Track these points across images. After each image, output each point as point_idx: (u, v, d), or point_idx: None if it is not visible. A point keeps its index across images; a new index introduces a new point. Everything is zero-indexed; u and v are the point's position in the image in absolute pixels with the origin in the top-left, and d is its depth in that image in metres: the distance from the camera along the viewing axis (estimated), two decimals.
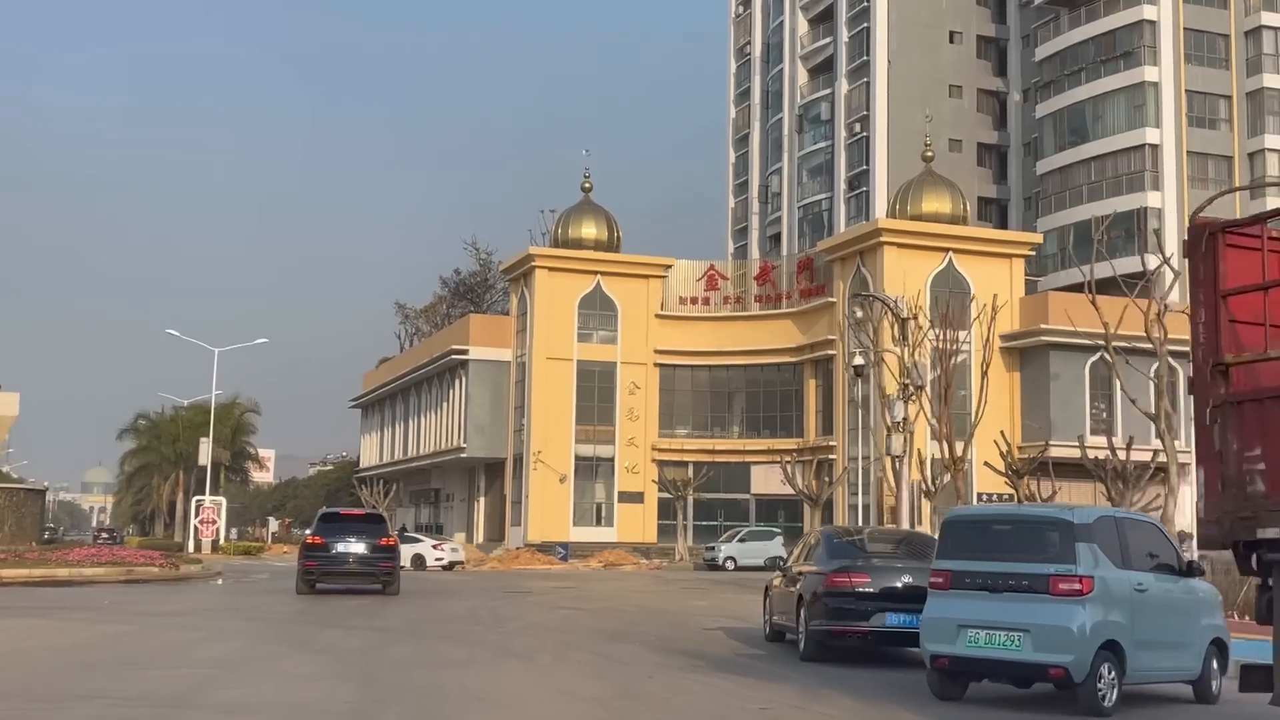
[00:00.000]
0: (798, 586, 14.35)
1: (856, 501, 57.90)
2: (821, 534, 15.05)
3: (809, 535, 16.53)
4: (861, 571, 13.38)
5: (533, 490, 63.17)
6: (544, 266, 64.76)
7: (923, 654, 10.82)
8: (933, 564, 10.78)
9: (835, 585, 13.29)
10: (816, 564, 14.13)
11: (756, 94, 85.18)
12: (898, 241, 57.97)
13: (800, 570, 14.73)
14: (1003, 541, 10.32)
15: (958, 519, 11.12)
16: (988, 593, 10.09)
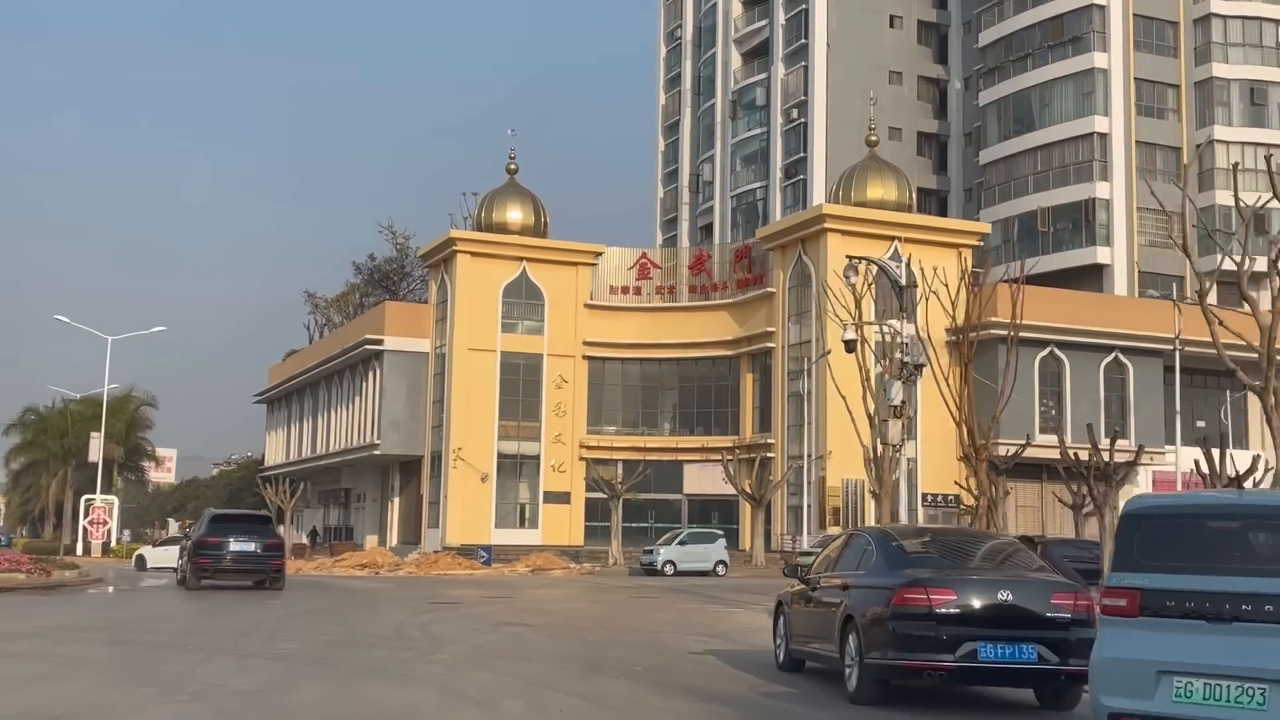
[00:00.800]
0: (841, 604, 10.87)
1: (798, 502, 54.81)
2: (871, 536, 11.50)
3: (841, 537, 12.94)
4: (943, 586, 9.86)
5: (452, 490, 59.20)
6: (466, 251, 60.81)
7: (1093, 711, 7.32)
8: (1111, 578, 7.29)
9: (908, 604, 9.78)
10: (872, 575, 10.64)
11: (688, 79, 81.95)
12: (842, 228, 55.06)
13: (839, 582, 11.27)
14: (1230, 545, 6.81)
15: (1150, 511, 7.41)
16: (1207, 623, 6.64)
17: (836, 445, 53.49)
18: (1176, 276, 62.39)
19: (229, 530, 28.66)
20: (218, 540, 28.27)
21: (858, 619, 10.40)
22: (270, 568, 28.79)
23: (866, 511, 53.91)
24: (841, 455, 53.56)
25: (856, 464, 54.33)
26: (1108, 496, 35.30)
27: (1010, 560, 10.91)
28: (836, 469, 53.46)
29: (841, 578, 11.24)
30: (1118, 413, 56.71)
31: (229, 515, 31.58)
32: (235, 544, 28.24)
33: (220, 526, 28.88)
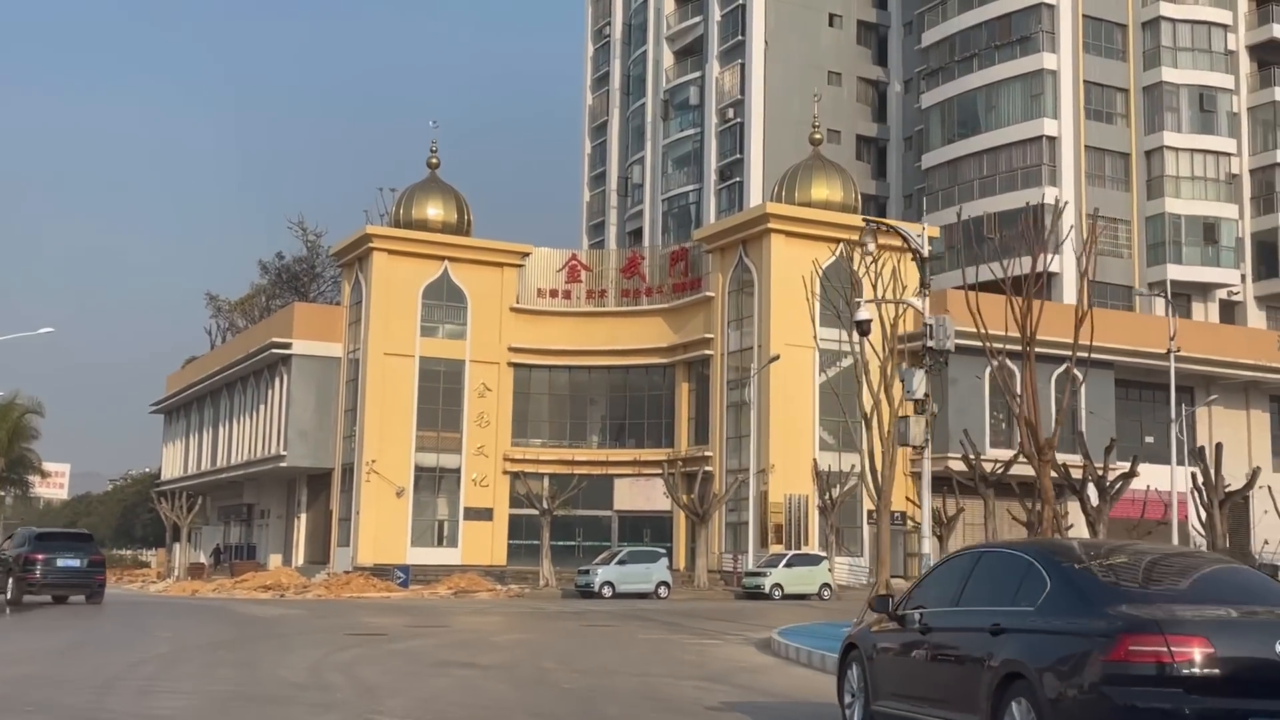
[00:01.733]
0: (992, 656, 7.35)
1: (736, 519, 51.47)
2: (1033, 554, 7.72)
3: (956, 557, 9.19)
4: (1191, 632, 6.44)
5: (365, 505, 54.91)
6: (383, 249, 56.68)
7: None
8: None
9: (1136, 659, 6.29)
10: (1053, 613, 7.08)
11: (616, 78, 78.63)
12: (786, 229, 52.00)
13: (982, 623, 7.68)
14: None
15: None
16: None
17: (780, 458, 50.35)
18: (1125, 286, 60.43)
19: (55, 547, 31.06)
20: (44, 556, 30.28)
21: (1034, 679, 6.90)
22: (94, 582, 31.16)
23: (811, 528, 50.81)
24: (784, 469, 50.44)
25: (800, 478, 51.35)
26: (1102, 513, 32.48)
27: (1249, 590, 7.46)
28: (779, 484, 50.28)
29: (985, 616, 7.69)
30: (1068, 426, 54.21)
31: (54, 533, 34.63)
32: (61, 560, 30.50)
33: (46, 544, 31.14)
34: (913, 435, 18.82)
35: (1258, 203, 61.95)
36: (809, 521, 50.72)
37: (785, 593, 42.06)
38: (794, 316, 51.52)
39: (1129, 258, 60.36)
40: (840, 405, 52.44)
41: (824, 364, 52.30)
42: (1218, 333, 58.10)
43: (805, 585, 42.51)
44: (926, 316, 20.41)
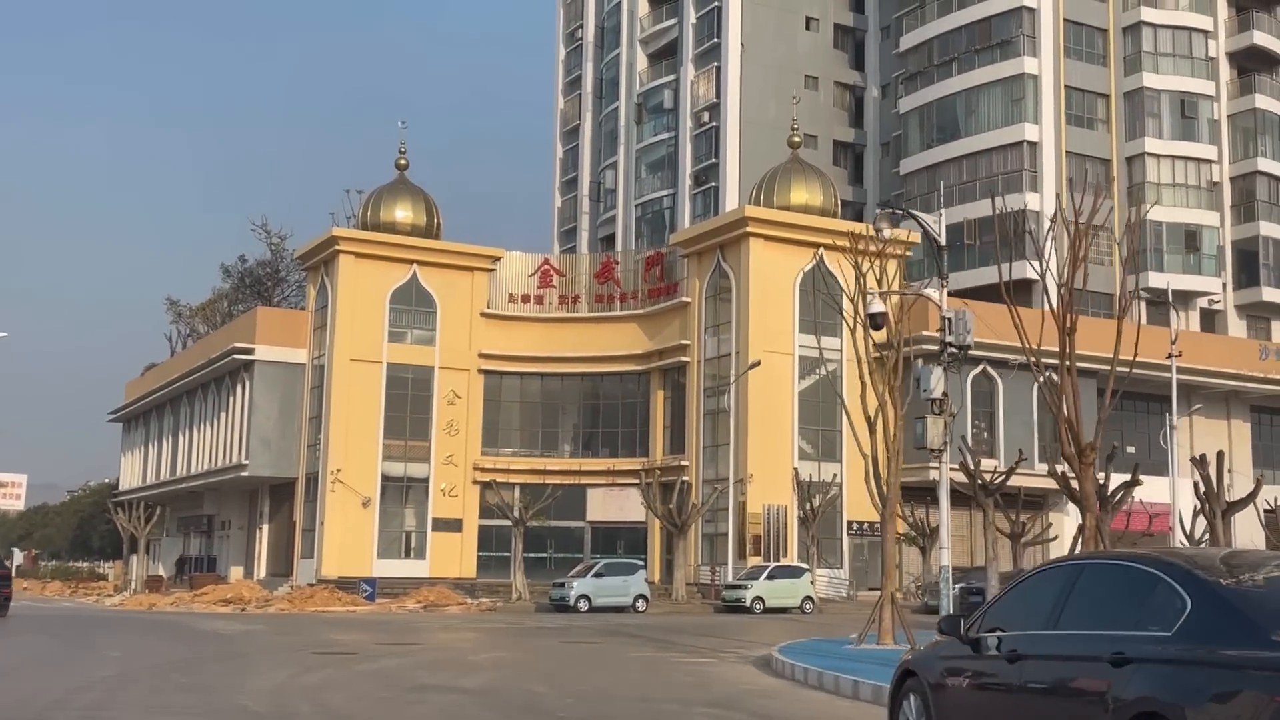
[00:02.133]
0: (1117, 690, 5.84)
1: (713, 530, 50.11)
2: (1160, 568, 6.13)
3: (1045, 570, 7.67)
4: None
5: (329, 516, 53.20)
6: (350, 252, 55.04)
7: None
8: None
9: None
10: (1203, 640, 5.53)
11: (589, 82, 77.29)
12: (765, 233, 50.79)
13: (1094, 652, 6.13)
14: None
15: None
16: None
17: (758, 468, 49.06)
18: (1106, 294, 59.57)
19: None
20: None
21: None
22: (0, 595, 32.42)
23: (790, 540, 49.53)
24: (763, 479, 49.16)
25: (778, 488, 50.06)
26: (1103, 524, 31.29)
27: None
28: (757, 494, 48.98)
29: (1100, 642, 6.27)
30: (1050, 435, 53.24)
31: None
32: None
33: None
34: (930, 437, 17.53)
35: (1238, 210, 61.30)
36: (788, 533, 49.43)
37: (767, 606, 40.72)
38: (773, 322, 50.37)
39: (1110, 265, 59.48)
40: (820, 413, 51.44)
41: (803, 371, 51.12)
42: (1199, 342, 57.28)
43: (787, 598, 41.19)
44: (944, 309, 19.08)
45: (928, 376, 18.02)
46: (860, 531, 50.98)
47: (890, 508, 21.13)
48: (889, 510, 21.09)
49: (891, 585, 19.86)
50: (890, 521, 21.15)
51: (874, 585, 51.79)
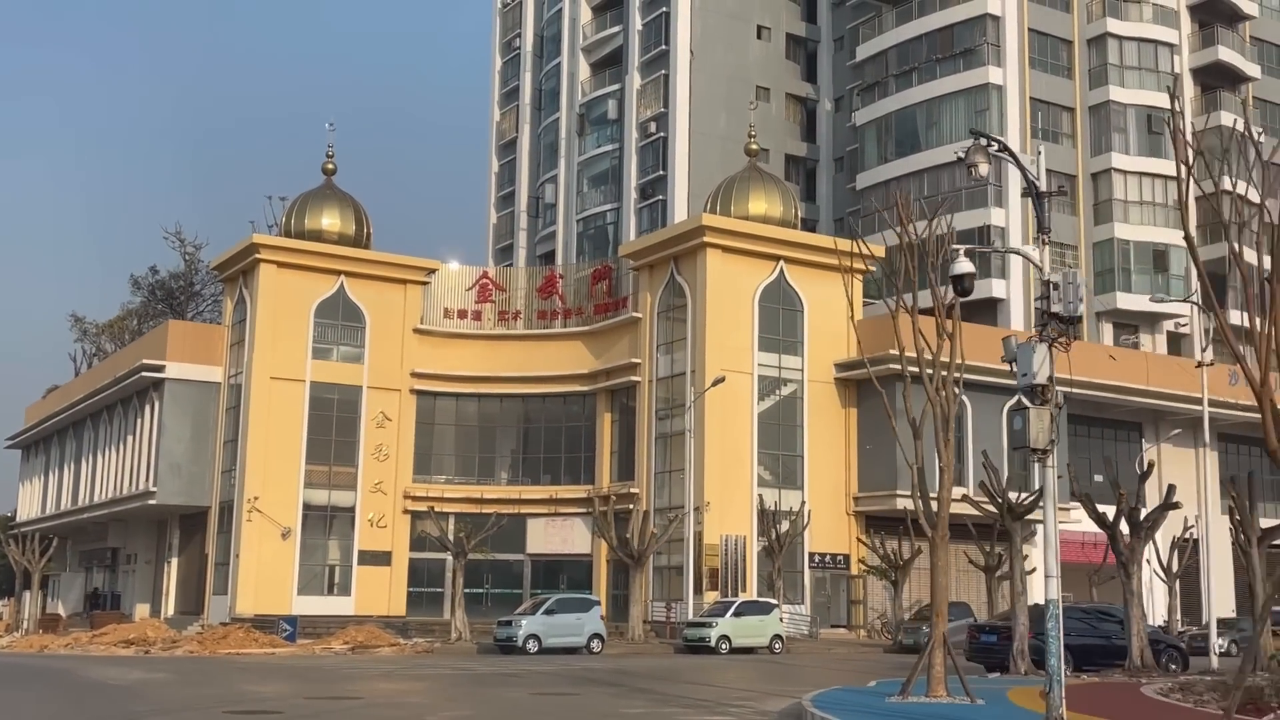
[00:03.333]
0: None
1: (665, 562, 46.33)
2: None
3: None
4: None
5: (246, 548, 48.64)
6: (271, 261, 50.73)
7: None
8: None
9: None
10: None
11: (527, 93, 73.77)
12: (723, 244, 47.45)
13: None
14: None
15: None
16: None
17: (715, 495, 45.49)
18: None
19: None
20: None
21: None
22: None
23: (749, 573, 45.98)
24: (720, 507, 45.60)
25: (737, 518, 46.51)
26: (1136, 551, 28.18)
27: None
28: (714, 523, 45.38)
29: None
30: (1020, 462, 50.36)
31: None
32: None
33: None
34: (1033, 434, 14.09)
35: (1204, 231, 59.20)
36: (747, 565, 45.87)
37: (733, 645, 37.07)
38: (732, 339, 47.03)
39: None
40: (780, 437, 48.05)
41: (763, 391, 47.77)
42: (1168, 366, 54.87)
43: (755, 637, 37.59)
44: (1046, 271, 15.68)
45: (1027, 356, 14.57)
46: (823, 564, 47.55)
47: (941, 530, 17.57)
48: (939, 533, 17.51)
49: (943, 625, 16.27)
50: (942, 546, 17.57)
51: (837, 622, 48.45)
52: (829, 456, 48.30)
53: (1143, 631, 26.10)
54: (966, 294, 16.37)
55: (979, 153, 15.70)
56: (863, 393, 49.10)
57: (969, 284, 15.93)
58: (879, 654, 40.48)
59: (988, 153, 15.92)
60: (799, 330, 48.56)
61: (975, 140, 16.20)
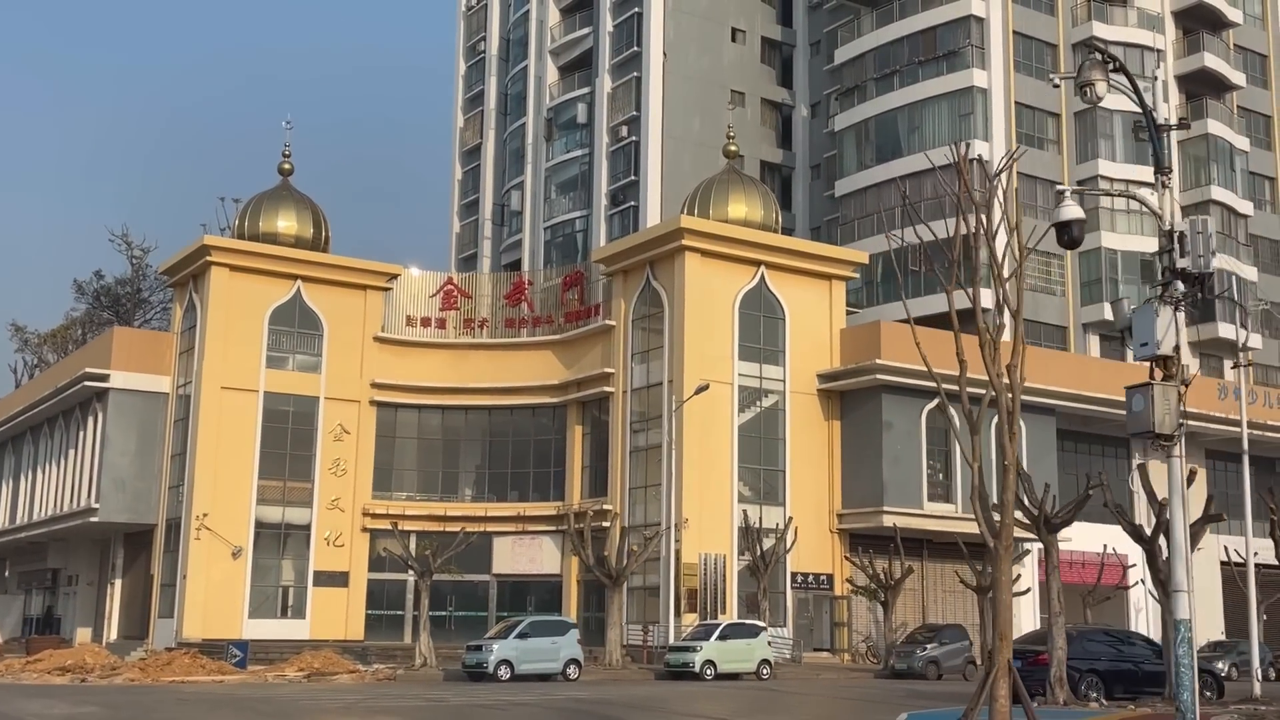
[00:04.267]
0: None
1: (640, 583, 43.80)
2: None
3: None
4: None
5: (194, 569, 45.74)
6: (224, 264, 47.99)
7: None
8: None
9: None
10: None
11: (492, 98, 71.41)
12: (703, 247, 45.21)
13: None
14: None
15: None
16: None
17: (694, 512, 43.11)
18: (1060, 327, 55.28)
19: None
20: None
21: None
22: None
23: (729, 594, 43.59)
24: (699, 525, 43.22)
25: (716, 535, 44.12)
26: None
27: None
28: (693, 541, 42.98)
29: None
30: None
31: None
32: None
33: None
34: (1158, 416, 11.79)
35: None
36: (727, 586, 43.47)
37: (719, 671, 34.64)
38: (711, 348, 44.76)
39: (1063, 295, 55.29)
40: (761, 451, 45.80)
41: (743, 403, 45.50)
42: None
43: (742, 662, 35.20)
44: (1168, 218, 13.42)
45: (1147, 322, 12.30)
46: (805, 585, 45.22)
47: (1006, 539, 15.24)
48: (1003, 542, 15.17)
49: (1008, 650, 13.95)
50: (1005, 557, 15.22)
51: (820, 646, 46.11)
52: (811, 471, 46.08)
53: None
54: (1075, 245, 14.12)
55: (1095, 69, 13.41)
56: (846, 404, 46.96)
57: (1078, 233, 13.70)
58: (869, 680, 38.20)
59: (1105, 69, 13.62)
60: (780, 339, 46.37)
61: (1089, 55, 13.91)
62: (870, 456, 45.79)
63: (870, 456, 45.79)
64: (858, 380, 45.91)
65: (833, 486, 46.48)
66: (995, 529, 15.08)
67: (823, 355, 46.94)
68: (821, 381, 46.65)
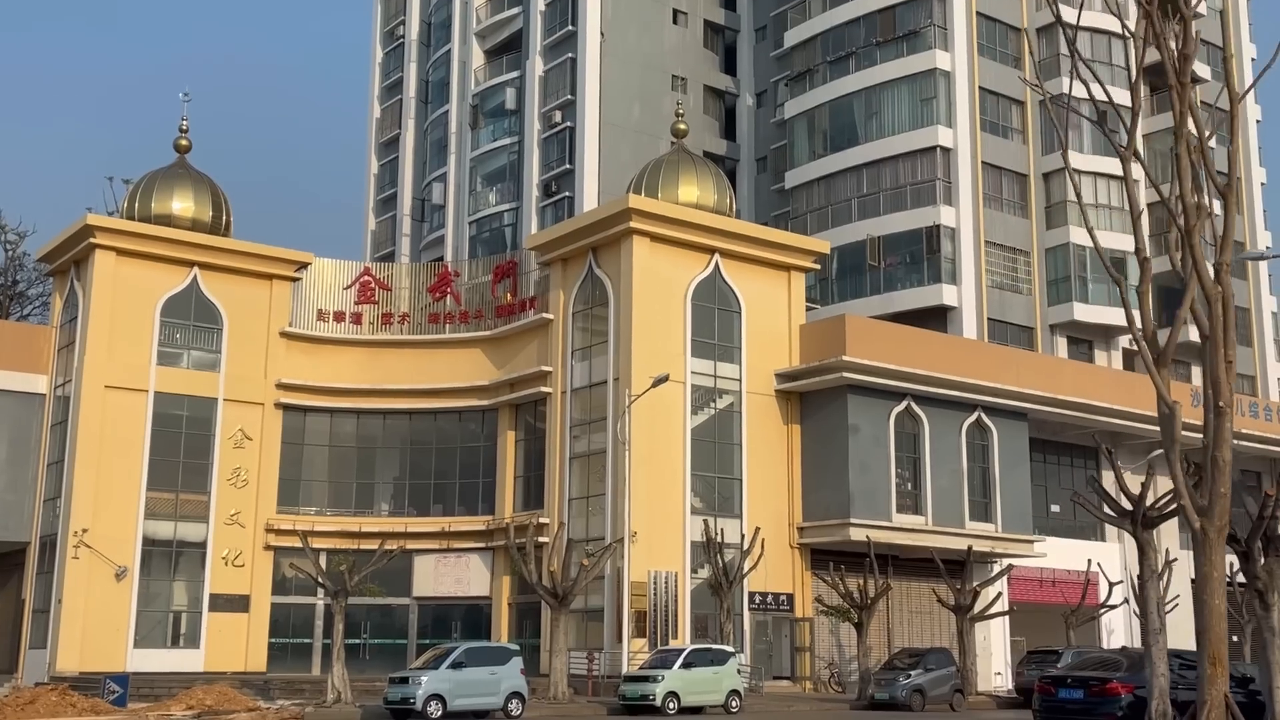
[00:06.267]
0: None
1: (582, 605, 38.91)
2: None
3: None
4: None
5: (71, 592, 40.07)
6: (110, 247, 42.51)
7: None
8: None
9: None
10: None
11: (412, 85, 66.51)
12: (653, 230, 40.75)
13: None
14: None
15: None
16: None
17: (642, 524, 38.46)
18: (1026, 327, 51.68)
19: None
20: None
21: None
22: None
23: (682, 616, 38.93)
24: (648, 538, 38.58)
25: (667, 551, 39.47)
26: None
27: None
28: (641, 558, 38.30)
29: None
30: (980, 488, 44.47)
31: None
32: None
33: None
34: None
35: (1158, 241, 54.54)
36: (679, 607, 38.83)
37: (682, 705, 29.96)
38: (661, 343, 40.24)
39: (1029, 294, 51.72)
40: (716, 457, 41.33)
41: (696, 404, 41.02)
42: (1123, 382, 49.67)
43: (709, 693, 30.59)
44: None
45: None
46: (764, 606, 40.72)
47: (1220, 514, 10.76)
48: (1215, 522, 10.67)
49: (1224, 679, 9.51)
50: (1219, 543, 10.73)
51: (780, 673, 41.66)
52: (769, 480, 41.72)
53: None
54: None
55: None
56: (807, 407, 42.70)
57: None
58: (847, 712, 33.79)
59: None
60: (736, 334, 42.01)
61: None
62: (835, 464, 41.55)
63: (835, 464, 41.55)
64: (820, 380, 41.70)
65: (793, 497, 42.16)
66: (1201, 506, 10.67)
67: (781, 353, 42.70)
68: (780, 381, 42.38)
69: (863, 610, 37.16)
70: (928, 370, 42.50)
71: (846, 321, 42.42)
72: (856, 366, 41.00)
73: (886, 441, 42.21)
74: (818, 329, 43.18)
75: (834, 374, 41.25)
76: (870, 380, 41.42)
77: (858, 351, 41.21)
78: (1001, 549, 43.70)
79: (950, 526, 42.97)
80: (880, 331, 43.37)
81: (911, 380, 42.14)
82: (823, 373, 41.61)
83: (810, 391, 42.36)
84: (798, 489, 42.25)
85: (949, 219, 49.35)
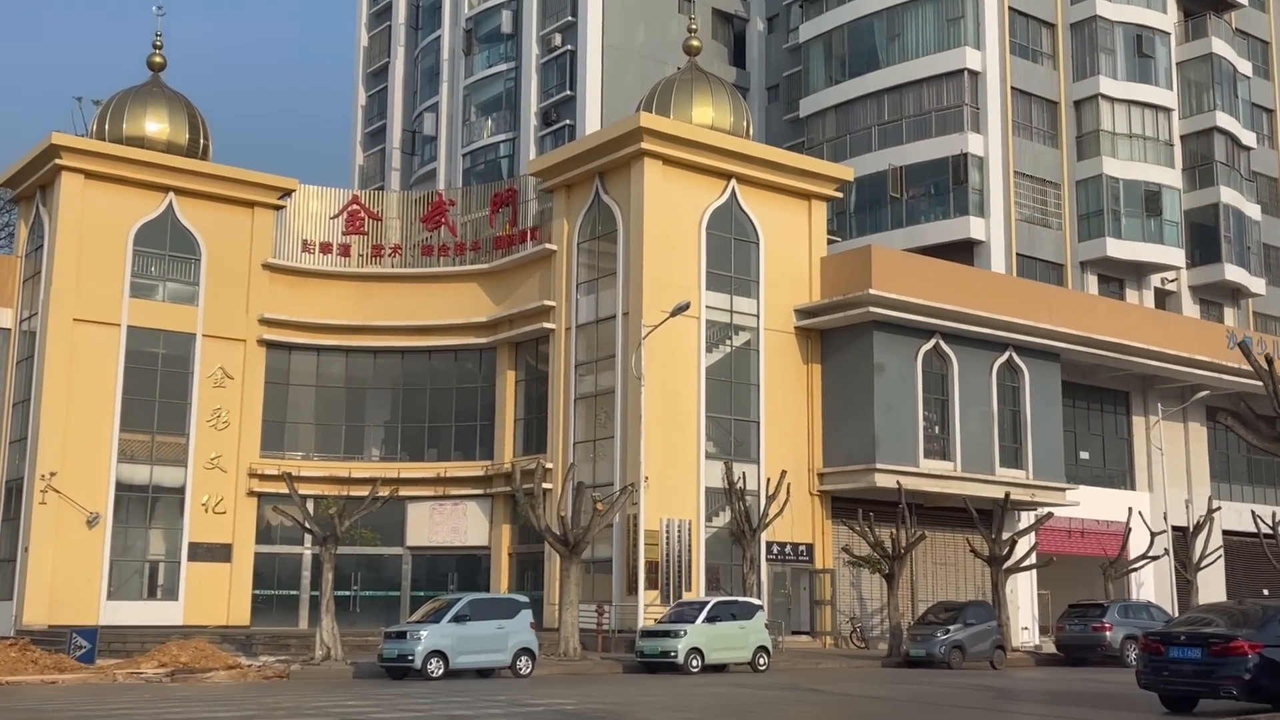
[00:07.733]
0: None
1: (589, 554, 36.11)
2: None
3: None
4: None
5: (39, 540, 37.23)
6: (78, 169, 39.31)
7: None
8: None
9: None
10: None
11: (402, 11, 62.99)
12: (665, 153, 37.65)
13: None
14: None
15: None
16: None
17: (655, 470, 35.66)
18: (1056, 264, 48.84)
19: None
20: None
21: None
22: None
23: (695, 567, 36.24)
24: (660, 484, 35.79)
25: (681, 498, 36.70)
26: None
27: None
28: (654, 505, 35.53)
29: None
30: (1009, 433, 41.76)
31: None
32: None
33: None
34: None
35: (1192, 174, 51.75)
36: (693, 557, 36.13)
37: (706, 661, 27.30)
38: (675, 275, 37.30)
39: (1060, 229, 48.82)
40: (732, 398, 38.51)
41: (710, 341, 38.14)
42: (1166, 324, 46.95)
43: (735, 649, 27.98)
44: None
45: None
46: (783, 556, 38.03)
47: None
48: None
49: None
50: None
51: (799, 628, 39.11)
52: (788, 423, 38.93)
53: None
54: None
55: None
56: (828, 345, 39.87)
57: None
58: (880, 670, 31.23)
59: None
60: (754, 266, 39.06)
61: None
62: (859, 406, 38.76)
63: (859, 406, 38.76)
64: (844, 315, 38.83)
65: (813, 441, 39.39)
66: None
67: (801, 287, 39.79)
68: (800, 317, 39.51)
69: (894, 561, 34.48)
70: (958, 306, 39.66)
71: (873, 253, 39.47)
72: (884, 301, 38.14)
73: (914, 382, 39.43)
74: (841, 261, 40.28)
75: (859, 309, 38.39)
76: (898, 316, 38.58)
77: (885, 285, 38.34)
78: (1031, 496, 41.07)
79: (980, 473, 40.30)
80: (908, 264, 40.47)
81: (941, 316, 39.31)
82: (847, 308, 38.74)
83: (832, 329, 39.52)
84: (818, 432, 39.49)
85: (977, 147, 46.34)
